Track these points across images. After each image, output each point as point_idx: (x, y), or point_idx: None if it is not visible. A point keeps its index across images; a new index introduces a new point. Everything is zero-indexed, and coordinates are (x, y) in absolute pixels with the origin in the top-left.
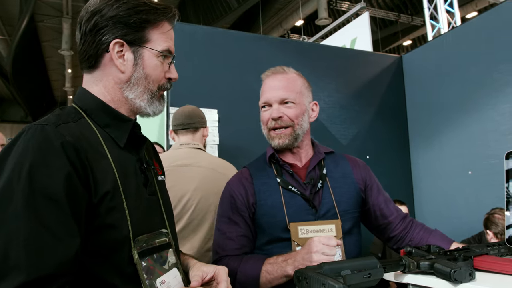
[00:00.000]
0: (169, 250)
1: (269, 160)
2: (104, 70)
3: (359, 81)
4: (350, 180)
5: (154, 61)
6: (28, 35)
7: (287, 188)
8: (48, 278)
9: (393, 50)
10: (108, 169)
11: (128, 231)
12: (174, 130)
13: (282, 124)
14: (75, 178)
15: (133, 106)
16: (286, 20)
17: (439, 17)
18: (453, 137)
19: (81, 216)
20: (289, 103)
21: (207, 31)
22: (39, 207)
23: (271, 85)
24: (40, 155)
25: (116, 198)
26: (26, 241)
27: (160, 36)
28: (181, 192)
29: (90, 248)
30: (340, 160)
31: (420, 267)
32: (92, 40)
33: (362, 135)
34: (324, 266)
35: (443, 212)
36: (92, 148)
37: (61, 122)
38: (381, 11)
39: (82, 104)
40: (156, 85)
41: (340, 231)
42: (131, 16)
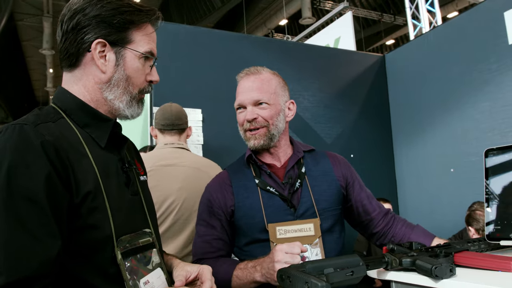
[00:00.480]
0: (153, 250)
1: (247, 161)
2: (84, 69)
3: (343, 80)
4: (330, 177)
5: (136, 63)
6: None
7: (265, 189)
8: (29, 279)
9: (376, 49)
10: (89, 169)
11: (110, 231)
12: (160, 129)
13: (257, 125)
14: (56, 178)
15: (112, 107)
16: (270, 20)
17: (421, 17)
18: (436, 135)
19: (62, 217)
20: (263, 104)
21: (190, 30)
22: (19, 208)
23: (244, 86)
24: (19, 155)
25: (97, 198)
26: (5, 243)
27: (143, 38)
28: (166, 192)
29: (72, 248)
30: (320, 157)
31: (402, 264)
32: (74, 38)
33: (346, 134)
34: (307, 264)
35: (426, 209)
36: (73, 148)
37: (40, 122)
38: (364, 10)
39: (61, 104)
40: (136, 88)
41: (319, 230)
42: (115, 16)
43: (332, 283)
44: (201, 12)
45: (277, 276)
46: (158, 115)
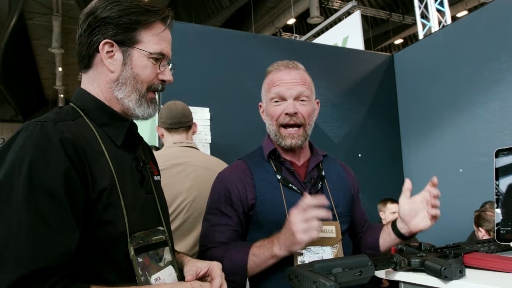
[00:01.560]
0: (165, 248)
1: (268, 156)
2: (96, 69)
3: (351, 79)
4: (345, 184)
5: (144, 61)
6: (18, 33)
7: (287, 185)
8: (50, 269)
9: (384, 48)
10: (105, 167)
11: (124, 228)
12: (167, 128)
13: (297, 121)
14: (74, 174)
15: (123, 106)
16: (278, 19)
17: (430, 16)
18: (444, 135)
19: (79, 211)
20: (303, 100)
21: (198, 29)
22: (39, 202)
23: (285, 78)
24: (39, 151)
25: (113, 195)
26: (27, 234)
27: (152, 38)
28: (176, 191)
29: (87, 243)
30: (333, 164)
31: (411, 264)
32: (86, 41)
33: (354, 134)
34: (316, 264)
35: None
36: (90, 146)
37: (60, 120)
38: (372, 9)
39: (80, 103)
40: (145, 85)
41: (340, 232)
42: (122, 17)
43: (341, 283)
44: (209, 11)
45: (286, 275)
46: (164, 113)
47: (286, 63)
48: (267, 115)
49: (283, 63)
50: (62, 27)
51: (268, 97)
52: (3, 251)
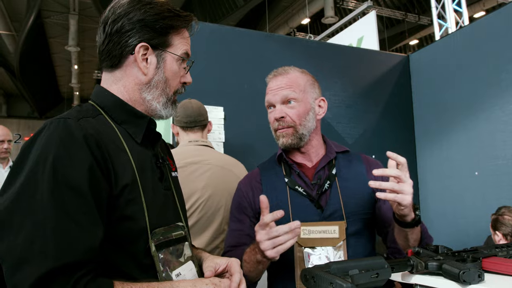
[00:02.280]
0: (185, 244)
1: (278, 160)
2: (125, 70)
3: (365, 80)
4: (363, 181)
5: (175, 66)
6: (35, 31)
7: (293, 188)
8: (75, 264)
9: (399, 49)
10: (127, 163)
11: (145, 223)
12: (183, 127)
13: (284, 125)
14: (97, 170)
15: (149, 107)
16: (293, 18)
17: (447, 17)
18: (460, 138)
19: (103, 207)
20: (291, 103)
21: (213, 28)
22: (64, 197)
23: (272, 86)
24: (63, 148)
25: (134, 191)
26: (53, 229)
27: (180, 41)
28: (190, 190)
29: (109, 239)
30: (354, 160)
31: (428, 267)
32: (118, 41)
33: (368, 134)
34: (332, 265)
35: (449, 213)
36: (112, 142)
37: (82, 116)
38: (388, 10)
39: (99, 101)
40: (172, 90)
41: (344, 233)
42: (158, 21)
43: (357, 284)
44: (224, 11)
45: (301, 275)
46: (179, 112)
47: (276, 70)
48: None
49: (274, 71)
50: (78, 26)
51: (265, 106)
52: (30, 247)
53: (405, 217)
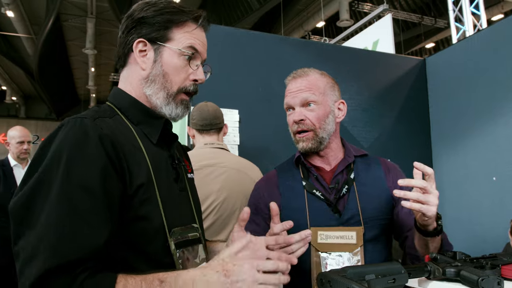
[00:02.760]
0: (200, 245)
1: (296, 163)
2: (130, 68)
3: (381, 83)
4: (381, 185)
5: (175, 60)
6: (54, 34)
7: (311, 191)
8: (75, 263)
9: (415, 52)
10: (142, 162)
11: (160, 223)
12: (199, 130)
13: (304, 128)
14: (111, 170)
15: (151, 104)
16: (307, 22)
17: (464, 19)
18: (477, 142)
19: (114, 207)
20: (311, 105)
21: (229, 31)
22: (74, 195)
23: (291, 88)
24: (78, 147)
25: (149, 190)
26: (58, 227)
27: (183, 35)
28: (206, 192)
29: (125, 239)
30: (372, 163)
31: (446, 274)
32: (123, 41)
33: (383, 138)
34: (348, 270)
35: (466, 218)
36: (127, 142)
37: (98, 116)
38: (404, 13)
39: (116, 102)
40: (175, 86)
41: (361, 239)
42: (156, 17)
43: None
44: (239, 14)
45: (317, 280)
46: (195, 115)
47: (295, 72)
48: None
49: (293, 73)
50: (96, 29)
51: (284, 108)
52: (38, 244)
53: (427, 226)
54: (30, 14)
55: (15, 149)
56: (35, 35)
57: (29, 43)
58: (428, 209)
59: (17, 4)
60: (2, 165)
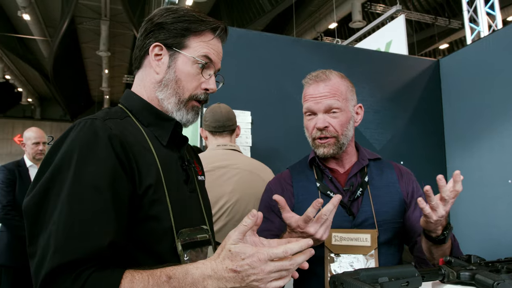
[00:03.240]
0: (209, 247)
1: (310, 164)
2: (145, 70)
3: (394, 85)
4: (394, 189)
5: (188, 67)
6: (68, 37)
7: (325, 193)
8: (80, 261)
9: (428, 53)
10: (152, 163)
11: (169, 224)
12: (211, 131)
13: (327, 135)
14: (120, 170)
15: (163, 108)
16: (320, 23)
17: (479, 20)
18: (493, 144)
19: (122, 207)
20: (334, 112)
21: (241, 33)
22: (83, 194)
23: (313, 93)
24: (88, 147)
25: (159, 191)
26: (65, 226)
27: (199, 44)
28: (218, 193)
29: (134, 238)
30: (386, 168)
31: (460, 277)
32: (141, 44)
33: (396, 140)
34: (361, 272)
35: (480, 221)
36: (137, 143)
37: (109, 117)
38: (417, 13)
39: (128, 104)
40: (187, 93)
41: (376, 241)
42: (175, 23)
43: None
44: (251, 15)
45: (330, 282)
46: (208, 116)
47: (316, 75)
48: (305, 127)
49: (313, 76)
50: (110, 31)
51: (303, 111)
52: (48, 243)
53: (430, 232)
54: (45, 17)
55: (31, 149)
56: (50, 37)
57: (44, 46)
58: (431, 215)
59: (33, 7)
60: (18, 165)
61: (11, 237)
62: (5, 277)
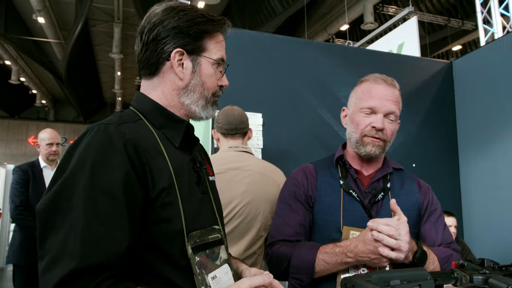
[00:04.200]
0: (221, 247)
1: (336, 161)
2: (163, 77)
3: (407, 87)
4: (413, 199)
5: (210, 69)
6: (82, 39)
7: (347, 191)
8: (98, 267)
9: (441, 55)
10: (164, 167)
11: (181, 226)
12: (224, 134)
13: (381, 137)
14: (133, 176)
15: (188, 111)
16: (331, 25)
17: (493, 21)
18: (507, 147)
19: (136, 212)
20: (391, 119)
21: (253, 35)
22: (98, 200)
23: (382, 93)
24: (102, 153)
25: (171, 194)
26: (82, 231)
27: (215, 46)
28: (230, 195)
29: (145, 241)
30: (407, 178)
31: (473, 281)
32: (154, 49)
33: (408, 143)
34: (373, 275)
35: (494, 225)
36: (150, 146)
37: (122, 122)
38: (429, 15)
39: (140, 107)
40: (210, 92)
41: None
42: (191, 27)
43: None
44: (262, 18)
45: (341, 284)
46: (221, 119)
47: (385, 77)
48: (352, 122)
49: (382, 77)
50: (122, 34)
51: (359, 106)
52: (63, 247)
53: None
54: (60, 20)
55: (45, 150)
56: (64, 40)
57: (58, 48)
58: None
59: (47, 11)
60: (32, 166)
61: (24, 237)
62: (19, 276)
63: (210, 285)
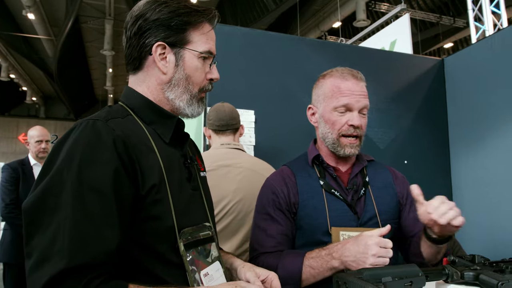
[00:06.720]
0: (212, 244)
1: (312, 161)
2: (147, 71)
3: (398, 84)
4: (391, 190)
5: (195, 62)
6: (73, 36)
7: (329, 191)
8: (88, 266)
9: (433, 52)
10: (155, 163)
11: (172, 223)
12: (215, 130)
13: (359, 133)
14: (123, 172)
15: (173, 106)
16: (324, 22)
17: (484, 19)
18: (498, 144)
19: (125, 209)
20: (364, 113)
21: (245, 32)
22: (86, 198)
23: (354, 89)
24: (90, 149)
25: (161, 190)
26: (71, 229)
27: (201, 37)
28: (221, 193)
29: (136, 239)
30: (381, 169)
31: (464, 277)
32: (137, 43)
33: (400, 140)
34: (365, 272)
35: (485, 221)
36: (140, 142)
37: (111, 118)
38: (421, 12)
39: (129, 102)
40: (196, 87)
41: None
42: (173, 19)
43: None
44: (255, 14)
45: (333, 281)
46: (212, 115)
47: (351, 72)
48: (326, 122)
49: (349, 72)
50: (114, 30)
51: (331, 105)
52: (51, 246)
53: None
54: (50, 16)
55: (34, 148)
56: (55, 36)
57: (49, 45)
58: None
59: (37, 7)
60: (22, 164)
61: (14, 235)
62: (9, 274)
63: (202, 282)
